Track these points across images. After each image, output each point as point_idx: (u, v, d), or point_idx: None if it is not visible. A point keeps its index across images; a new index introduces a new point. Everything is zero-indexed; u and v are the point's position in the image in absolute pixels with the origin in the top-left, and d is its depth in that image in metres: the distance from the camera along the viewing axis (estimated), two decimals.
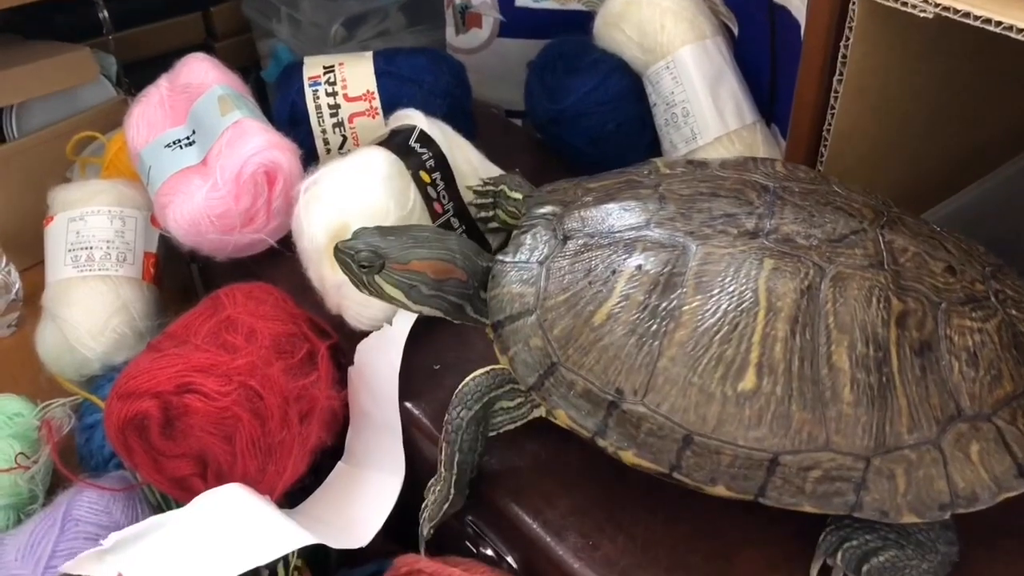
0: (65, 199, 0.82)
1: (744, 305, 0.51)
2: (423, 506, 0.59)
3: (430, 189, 0.71)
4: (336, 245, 0.58)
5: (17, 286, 0.91)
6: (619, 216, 0.57)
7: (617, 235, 0.55)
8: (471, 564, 0.57)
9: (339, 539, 0.60)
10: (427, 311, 0.60)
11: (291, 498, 0.66)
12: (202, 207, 0.73)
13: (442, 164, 0.71)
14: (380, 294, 0.58)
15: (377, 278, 0.58)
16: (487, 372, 0.58)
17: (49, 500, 0.72)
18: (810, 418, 0.50)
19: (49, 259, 0.81)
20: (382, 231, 0.59)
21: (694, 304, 0.52)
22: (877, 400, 0.50)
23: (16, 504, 0.73)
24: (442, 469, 0.58)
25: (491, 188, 0.71)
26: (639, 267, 0.53)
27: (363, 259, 0.57)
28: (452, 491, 0.58)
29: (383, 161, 0.70)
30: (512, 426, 0.59)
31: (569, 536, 0.56)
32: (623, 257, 0.54)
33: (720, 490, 0.51)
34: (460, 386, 0.58)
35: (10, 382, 0.80)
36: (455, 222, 0.72)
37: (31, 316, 0.85)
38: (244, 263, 0.79)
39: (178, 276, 0.91)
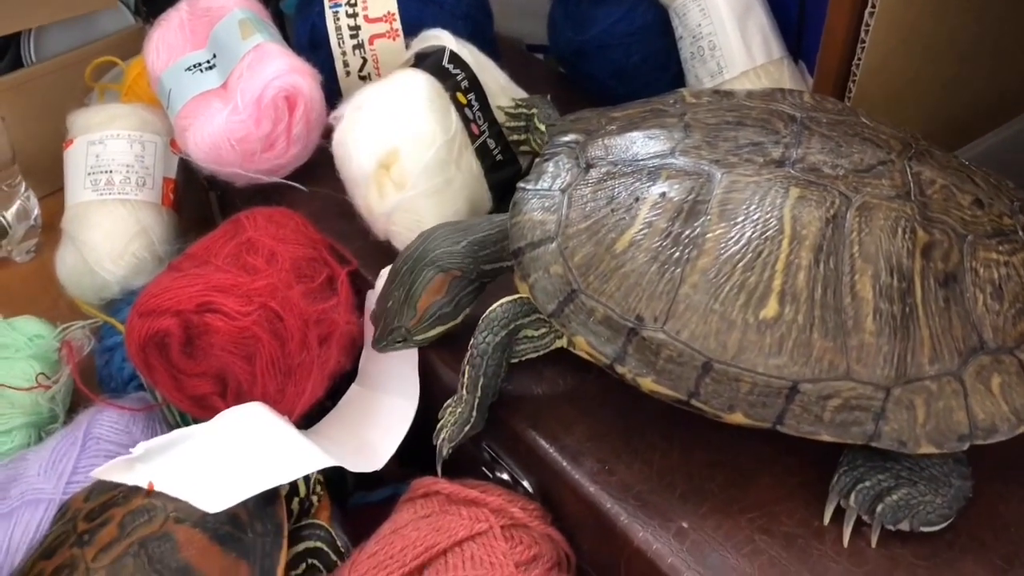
0: (85, 123, 0.82)
1: (768, 233, 0.51)
2: (439, 427, 0.59)
3: (467, 111, 0.70)
4: (374, 346, 0.61)
5: (36, 212, 0.92)
6: (643, 144, 0.56)
7: (641, 163, 0.55)
8: (488, 487, 0.57)
9: (354, 462, 0.61)
10: (468, 311, 0.62)
11: (308, 420, 0.66)
12: (222, 130, 0.73)
13: (475, 85, 0.70)
14: (433, 338, 0.62)
15: (418, 338, 0.61)
16: (514, 300, 0.57)
17: (70, 419, 0.73)
18: (831, 347, 0.50)
19: (68, 182, 0.81)
20: (384, 298, 0.61)
21: (718, 232, 0.52)
22: (899, 330, 0.50)
23: (37, 423, 0.74)
24: (464, 392, 0.58)
25: (523, 110, 0.71)
26: (663, 194, 0.53)
27: (397, 339, 0.61)
28: (474, 414, 0.58)
29: (424, 84, 0.69)
30: (535, 355, 0.59)
31: (585, 461, 0.56)
32: (647, 185, 0.54)
33: (738, 418, 0.51)
34: (487, 312, 0.58)
35: (30, 307, 0.81)
36: (491, 143, 0.71)
37: (50, 243, 0.86)
38: (263, 190, 0.79)
39: (197, 204, 0.91)
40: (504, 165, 0.71)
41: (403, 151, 0.64)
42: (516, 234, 0.56)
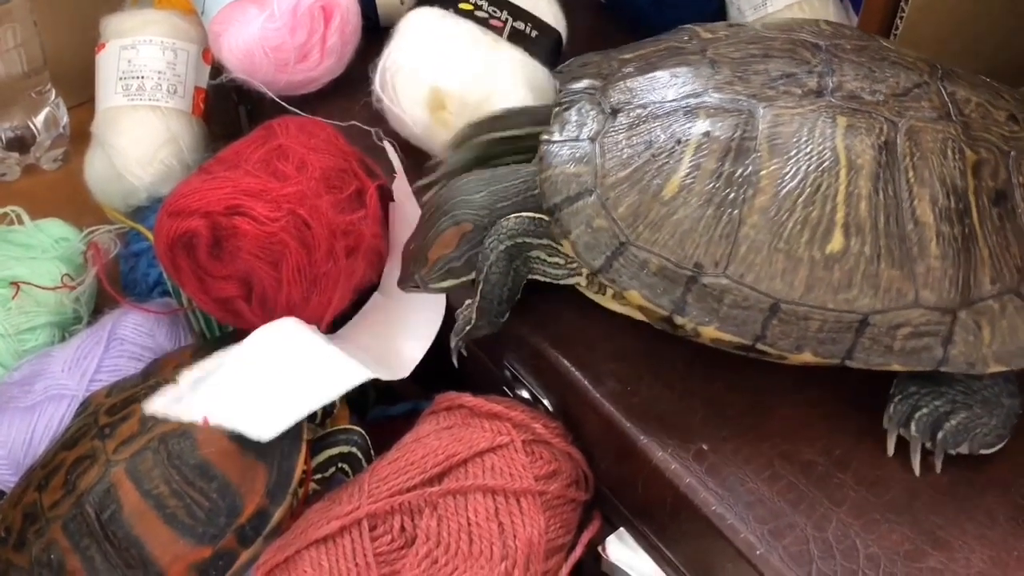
0: (118, 27, 0.81)
1: (824, 165, 0.50)
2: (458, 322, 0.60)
3: (477, 13, 0.69)
4: (399, 288, 0.61)
5: (65, 120, 0.91)
6: (671, 84, 0.54)
7: (674, 103, 0.53)
8: (511, 403, 0.58)
9: (383, 370, 0.61)
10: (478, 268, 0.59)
11: (331, 330, 0.66)
12: (257, 38, 0.72)
13: None
14: (447, 290, 0.60)
15: (432, 287, 0.59)
16: (532, 217, 0.56)
17: (94, 322, 0.73)
18: (899, 275, 0.49)
19: (100, 87, 0.81)
20: (414, 237, 0.60)
21: (772, 168, 0.50)
22: (962, 252, 0.50)
23: (61, 322, 0.75)
24: (475, 294, 0.58)
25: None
26: (706, 134, 0.51)
27: (414, 290, 0.60)
28: (474, 316, 0.58)
29: (425, 17, 0.70)
30: (545, 281, 0.58)
31: (607, 381, 0.56)
32: (686, 125, 0.52)
33: (806, 357, 0.51)
34: (503, 219, 0.57)
35: (56, 215, 0.81)
36: (520, 25, 0.70)
37: (77, 152, 0.85)
38: (294, 104, 0.78)
39: (226, 120, 0.90)
40: (542, 35, 0.71)
41: (442, 87, 0.64)
42: (549, 189, 0.54)
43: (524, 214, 0.57)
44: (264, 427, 0.54)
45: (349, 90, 0.77)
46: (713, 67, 0.54)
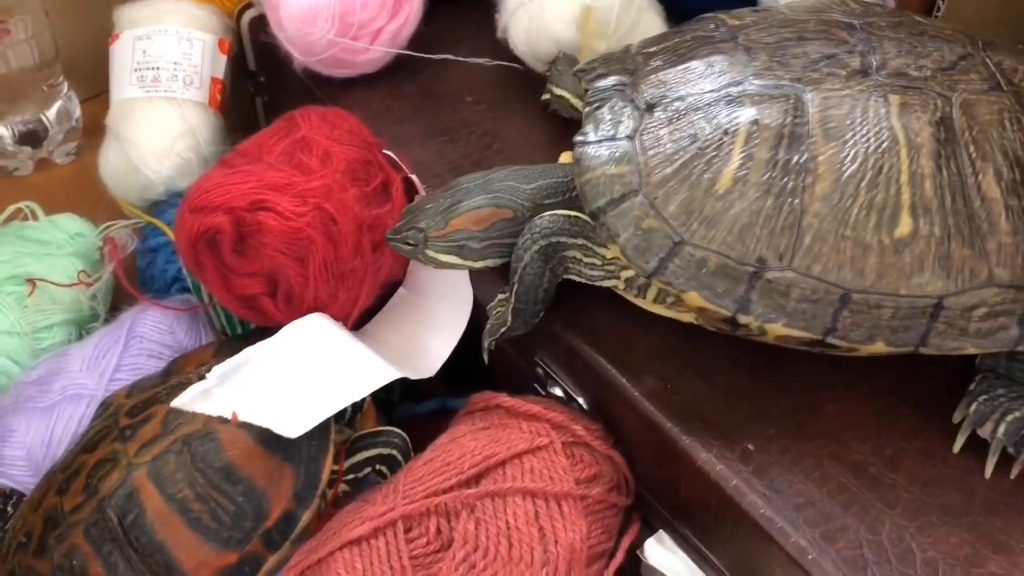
0: (132, 17, 0.79)
1: (884, 146, 0.48)
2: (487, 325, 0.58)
3: None
4: (387, 234, 0.57)
5: (77, 114, 0.90)
6: (707, 74, 0.52)
7: (713, 94, 0.51)
8: (550, 403, 0.56)
9: (407, 368, 0.59)
10: (491, 263, 0.56)
11: (357, 325, 0.64)
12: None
13: None
14: (439, 264, 0.56)
15: (428, 251, 0.55)
16: (567, 215, 0.54)
17: (111, 319, 0.72)
18: (971, 254, 0.48)
19: (114, 78, 0.79)
20: (425, 201, 0.56)
21: (829, 153, 0.48)
22: None
23: (78, 320, 0.73)
24: (508, 293, 0.56)
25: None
26: (755, 122, 0.49)
27: (408, 238, 0.55)
28: (509, 317, 0.56)
29: None
30: (580, 280, 0.56)
31: (646, 379, 0.54)
32: (732, 115, 0.50)
33: (878, 347, 0.49)
34: (536, 217, 0.55)
35: (69, 210, 0.79)
36: None
37: (90, 146, 0.84)
38: (314, 97, 0.77)
39: (242, 111, 0.89)
40: None
41: (594, 6, 0.64)
42: (591, 193, 0.51)
43: (559, 212, 0.54)
44: (292, 425, 0.53)
45: (372, 80, 0.76)
46: (749, 54, 0.52)
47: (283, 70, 0.77)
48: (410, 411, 0.66)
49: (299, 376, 0.56)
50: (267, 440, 0.54)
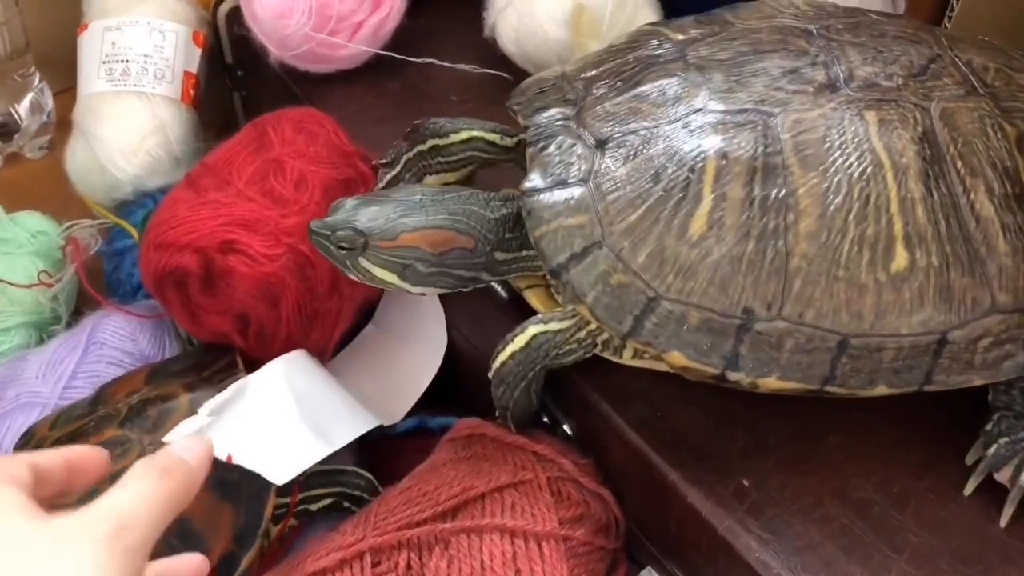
0: (101, 6, 0.76)
1: (868, 171, 0.44)
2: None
3: None
4: (310, 225, 0.49)
5: (50, 107, 0.86)
6: (659, 101, 0.47)
7: (670, 125, 0.46)
8: (538, 435, 0.53)
9: (379, 413, 0.57)
10: (430, 291, 0.51)
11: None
12: None
13: None
14: (370, 278, 0.50)
15: (362, 260, 0.49)
16: (525, 346, 0.48)
17: (74, 322, 0.69)
18: (971, 282, 0.44)
19: (82, 70, 0.76)
20: (367, 200, 0.49)
21: (809, 184, 0.44)
22: None
23: (38, 323, 0.70)
24: (500, 414, 0.52)
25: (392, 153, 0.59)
26: (723, 155, 0.45)
27: (342, 239, 0.48)
28: (513, 427, 0.52)
29: None
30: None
31: (634, 405, 0.51)
32: (695, 149, 0.45)
33: (880, 391, 0.45)
34: (496, 363, 0.49)
35: (39, 207, 0.76)
36: None
37: (63, 140, 0.81)
38: (292, 93, 0.73)
39: (219, 107, 0.85)
40: None
41: (587, 4, 0.62)
42: (549, 250, 0.46)
43: (517, 348, 0.48)
44: (280, 470, 0.50)
45: (352, 76, 0.72)
46: (702, 74, 0.48)
47: (261, 64, 0.74)
48: (385, 430, 0.62)
49: (286, 418, 0.53)
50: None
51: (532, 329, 0.48)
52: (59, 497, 0.36)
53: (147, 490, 0.34)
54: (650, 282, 0.45)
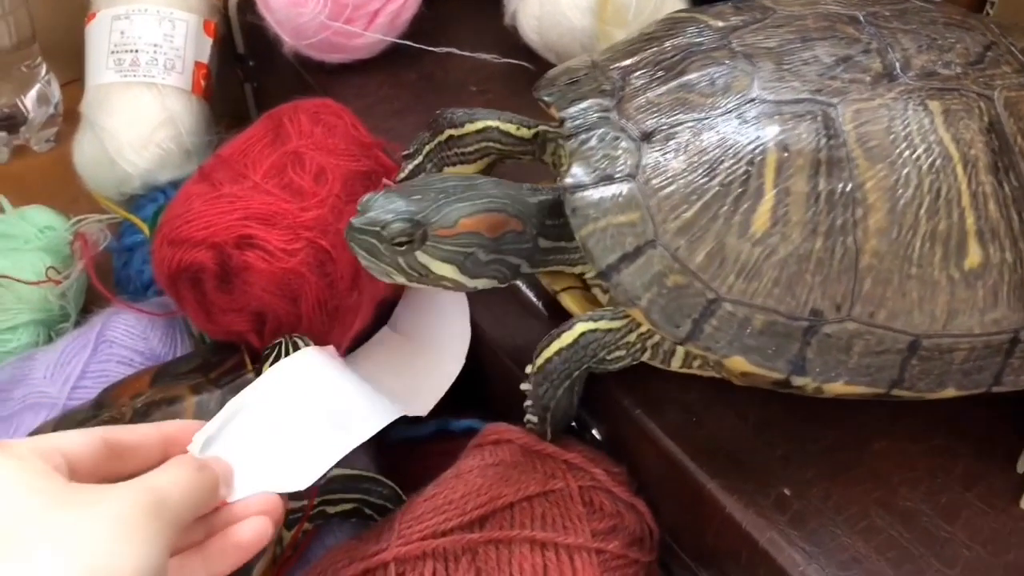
0: None
1: (937, 164, 0.42)
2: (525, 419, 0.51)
3: None
4: (352, 223, 0.45)
5: (57, 98, 0.85)
6: (707, 90, 0.45)
7: (723, 116, 0.44)
8: (569, 441, 0.50)
9: (405, 407, 0.54)
10: (482, 284, 0.47)
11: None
12: None
13: None
14: (424, 277, 0.46)
15: (419, 255, 0.45)
16: (573, 344, 0.46)
17: (84, 321, 0.67)
18: None
19: (89, 61, 0.74)
20: (399, 193, 0.45)
21: (877, 178, 0.42)
22: None
23: (46, 320, 0.68)
24: (535, 417, 0.49)
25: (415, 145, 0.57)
26: (783, 147, 0.42)
27: (398, 232, 0.44)
28: (549, 433, 0.50)
29: None
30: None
31: (668, 410, 0.48)
32: (752, 141, 0.43)
33: (948, 393, 0.43)
34: (541, 359, 0.47)
35: (47, 201, 0.75)
36: None
37: (70, 133, 0.79)
38: (306, 83, 0.71)
39: (230, 98, 0.84)
40: None
41: None
42: (598, 250, 0.44)
43: (564, 344, 0.46)
44: (297, 479, 0.47)
45: (368, 66, 0.71)
46: (751, 62, 0.45)
47: (274, 54, 0.73)
48: (405, 434, 0.60)
49: (295, 422, 0.49)
50: None
51: (580, 326, 0.46)
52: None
53: (185, 477, 0.37)
54: (710, 283, 0.43)
